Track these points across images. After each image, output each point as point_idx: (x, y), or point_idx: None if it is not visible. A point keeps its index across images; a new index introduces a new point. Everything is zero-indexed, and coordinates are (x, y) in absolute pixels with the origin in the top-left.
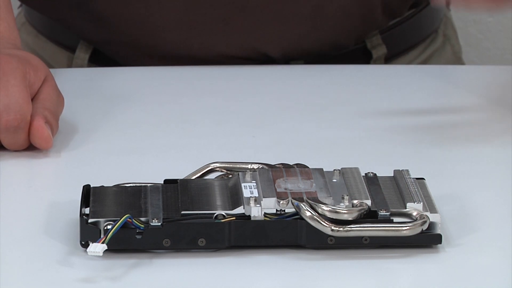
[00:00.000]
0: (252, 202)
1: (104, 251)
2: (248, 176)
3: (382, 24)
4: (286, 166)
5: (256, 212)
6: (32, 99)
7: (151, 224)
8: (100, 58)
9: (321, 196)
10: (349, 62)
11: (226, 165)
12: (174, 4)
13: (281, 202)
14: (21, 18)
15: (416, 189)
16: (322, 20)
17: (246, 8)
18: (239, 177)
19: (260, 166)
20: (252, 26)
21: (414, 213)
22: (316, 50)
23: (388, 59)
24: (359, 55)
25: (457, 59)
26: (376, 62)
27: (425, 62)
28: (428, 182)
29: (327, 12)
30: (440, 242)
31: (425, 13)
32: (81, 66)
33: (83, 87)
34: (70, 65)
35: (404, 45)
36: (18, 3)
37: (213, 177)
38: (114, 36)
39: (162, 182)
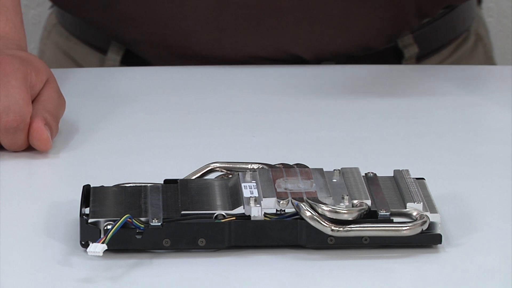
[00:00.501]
0: (252, 202)
1: (104, 251)
2: (248, 176)
3: (414, 25)
4: (286, 166)
5: (256, 212)
6: (33, 101)
7: (151, 224)
8: (132, 59)
9: (321, 196)
10: (381, 62)
11: (226, 165)
12: (205, 5)
13: (281, 202)
14: (53, 19)
15: (416, 189)
16: (353, 22)
17: (278, 9)
18: (239, 177)
19: (260, 166)
20: (283, 28)
21: (414, 213)
22: (347, 51)
23: (420, 58)
24: (390, 54)
25: (489, 59)
26: (408, 61)
27: (457, 61)
28: (428, 182)
29: (359, 14)
30: (440, 242)
31: (457, 11)
32: (113, 67)
33: (83, 87)
34: (102, 66)
35: (436, 44)
36: (49, 4)
37: (213, 177)
38: (144, 36)
39: (162, 182)
